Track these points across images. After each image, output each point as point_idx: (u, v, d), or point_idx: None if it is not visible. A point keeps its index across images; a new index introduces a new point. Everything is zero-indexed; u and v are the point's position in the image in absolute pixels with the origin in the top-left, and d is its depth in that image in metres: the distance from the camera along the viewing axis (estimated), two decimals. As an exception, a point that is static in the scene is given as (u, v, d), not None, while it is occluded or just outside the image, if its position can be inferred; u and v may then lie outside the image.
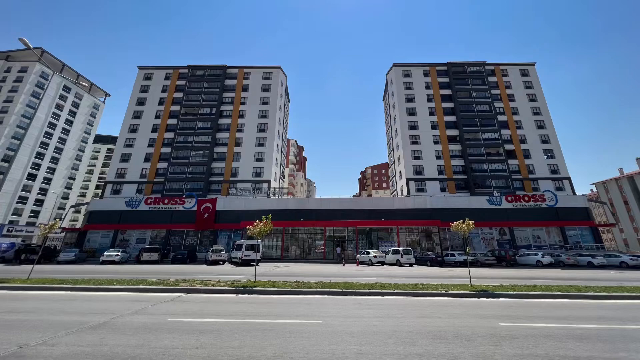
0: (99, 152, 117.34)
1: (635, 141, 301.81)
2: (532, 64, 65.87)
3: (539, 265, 34.82)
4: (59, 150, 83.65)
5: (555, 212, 49.00)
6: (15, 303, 11.23)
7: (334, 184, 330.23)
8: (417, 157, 57.38)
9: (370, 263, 34.79)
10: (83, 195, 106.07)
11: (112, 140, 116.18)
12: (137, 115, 62.11)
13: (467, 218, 17.34)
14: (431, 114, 61.28)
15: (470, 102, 61.36)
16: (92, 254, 45.07)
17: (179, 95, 64.07)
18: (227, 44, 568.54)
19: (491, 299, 12.48)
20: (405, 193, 55.69)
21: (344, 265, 34.36)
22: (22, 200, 74.10)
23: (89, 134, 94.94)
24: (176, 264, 35.46)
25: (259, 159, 57.60)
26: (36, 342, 6.69)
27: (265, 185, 55.33)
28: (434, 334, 7.42)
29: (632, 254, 42.56)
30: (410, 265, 33.98)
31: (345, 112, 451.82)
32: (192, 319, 8.90)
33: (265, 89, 64.70)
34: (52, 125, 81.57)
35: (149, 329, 7.70)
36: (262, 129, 60.49)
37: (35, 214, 76.69)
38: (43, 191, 78.95)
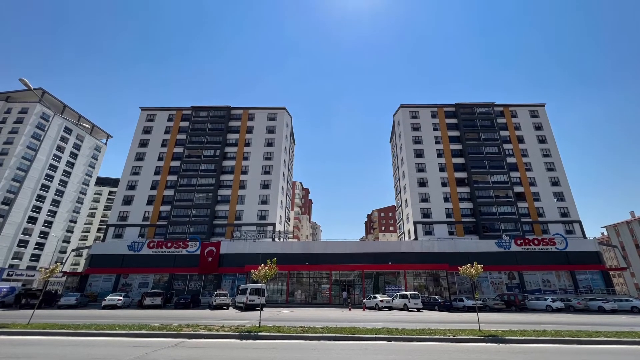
0: (100, 194, 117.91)
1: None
2: (542, 105, 65.30)
3: (548, 309, 34.02)
4: (60, 193, 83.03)
5: (565, 255, 48.08)
6: (16, 348, 11.13)
7: (340, 227, 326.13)
8: (424, 200, 56.74)
9: (377, 308, 33.87)
10: (85, 238, 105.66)
11: (114, 182, 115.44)
12: (140, 157, 61.72)
13: (475, 262, 17.31)
14: (439, 155, 60.81)
15: (479, 144, 60.67)
16: (94, 298, 44.19)
17: (182, 136, 63.52)
18: (230, 83, 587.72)
19: (500, 344, 12.19)
20: (412, 236, 55.00)
21: (350, 309, 33.60)
22: (23, 243, 73.42)
23: (91, 176, 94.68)
24: (179, 308, 35.00)
25: (264, 202, 57.39)
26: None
27: (270, 228, 54.92)
28: (442, 379, 7.28)
29: (644, 298, 41.36)
30: (418, 310, 33.03)
31: (351, 153, 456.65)
32: (196, 364, 8.77)
33: (270, 130, 64.57)
34: (53, 168, 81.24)
35: (154, 374, 7.62)
36: (266, 171, 60.40)
37: (35, 257, 75.91)
38: (44, 234, 78.32)
